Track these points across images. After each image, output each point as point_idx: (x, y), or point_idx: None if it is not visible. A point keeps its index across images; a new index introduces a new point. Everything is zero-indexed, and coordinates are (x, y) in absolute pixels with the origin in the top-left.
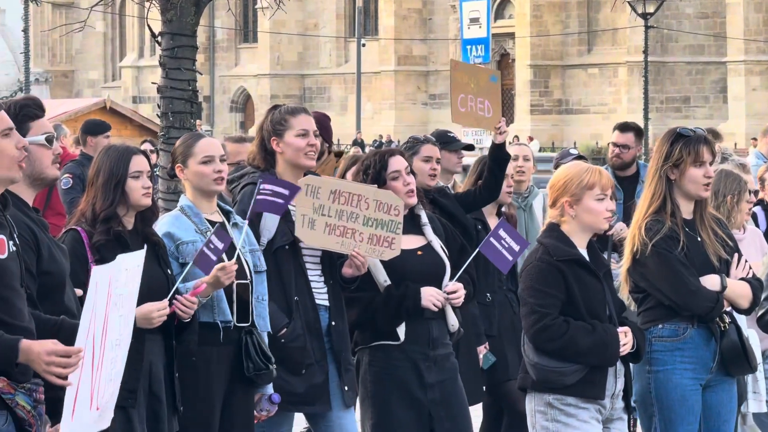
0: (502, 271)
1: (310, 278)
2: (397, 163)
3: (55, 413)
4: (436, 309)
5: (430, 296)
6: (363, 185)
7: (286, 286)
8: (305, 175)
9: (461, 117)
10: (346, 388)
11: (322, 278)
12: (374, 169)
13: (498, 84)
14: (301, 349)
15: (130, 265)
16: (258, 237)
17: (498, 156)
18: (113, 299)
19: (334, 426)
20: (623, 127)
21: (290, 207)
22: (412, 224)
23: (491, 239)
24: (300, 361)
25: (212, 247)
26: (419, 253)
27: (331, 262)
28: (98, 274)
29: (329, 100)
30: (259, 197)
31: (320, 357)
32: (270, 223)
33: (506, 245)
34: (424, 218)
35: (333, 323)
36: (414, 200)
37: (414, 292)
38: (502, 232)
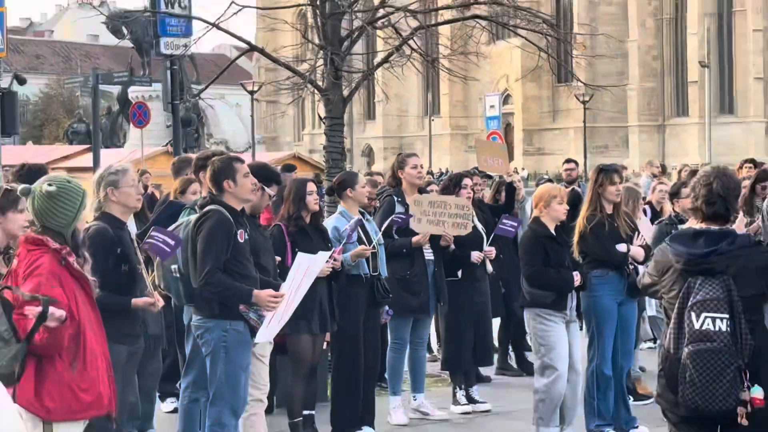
0: (509, 237)
1: (423, 247)
2: (465, 181)
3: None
4: (478, 262)
5: (476, 256)
6: (446, 196)
7: (414, 253)
8: (419, 192)
9: (486, 168)
10: (441, 303)
11: (431, 249)
12: (452, 186)
13: (505, 150)
14: (418, 281)
15: (318, 260)
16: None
17: (509, 189)
18: (306, 274)
19: (425, 325)
20: (569, 161)
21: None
22: None
23: (500, 223)
24: (418, 290)
25: (349, 234)
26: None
27: (435, 239)
28: (301, 258)
29: (414, 149)
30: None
31: (425, 287)
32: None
33: (509, 225)
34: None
35: (435, 269)
36: (469, 203)
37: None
38: (505, 219)
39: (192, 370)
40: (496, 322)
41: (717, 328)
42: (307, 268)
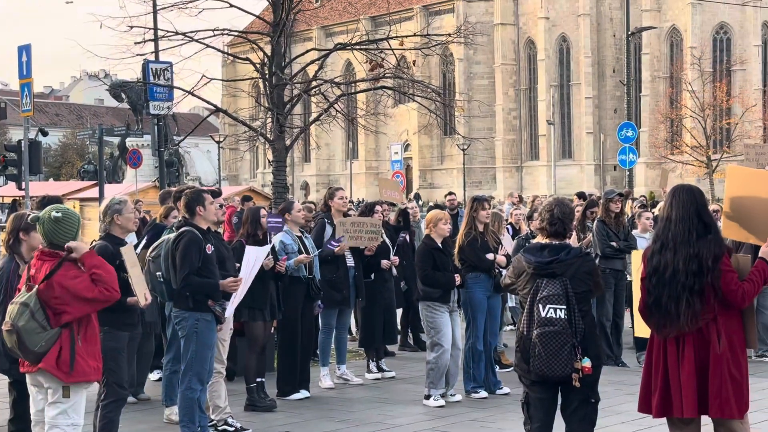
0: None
1: (346, 256)
2: (377, 208)
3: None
4: (386, 268)
5: (384, 263)
6: (363, 218)
7: (338, 259)
8: (344, 216)
9: (386, 197)
10: (360, 299)
11: (351, 257)
12: (368, 211)
13: (399, 185)
14: (342, 282)
15: (262, 251)
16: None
17: (405, 214)
18: (255, 262)
19: (347, 314)
20: (450, 193)
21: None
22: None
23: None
24: (341, 288)
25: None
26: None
27: (355, 251)
28: (250, 250)
29: (340, 184)
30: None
31: (347, 286)
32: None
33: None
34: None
35: (356, 273)
36: (380, 223)
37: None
38: (402, 234)
39: (172, 349)
40: (399, 312)
41: (557, 316)
42: (255, 257)
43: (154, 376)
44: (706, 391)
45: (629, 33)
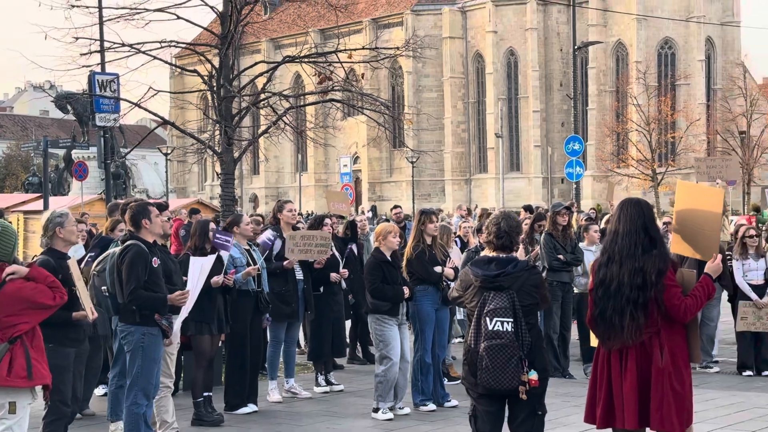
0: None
1: (295, 269)
2: (326, 221)
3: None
4: (335, 281)
5: (333, 276)
6: (312, 231)
7: (287, 273)
8: (293, 229)
9: (334, 210)
10: (309, 312)
11: (301, 270)
12: (317, 224)
13: (347, 197)
14: (291, 295)
15: (207, 261)
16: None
17: (353, 226)
18: (201, 272)
19: (296, 327)
20: (396, 206)
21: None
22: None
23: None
24: (290, 302)
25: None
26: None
27: (304, 263)
28: (194, 261)
29: (289, 197)
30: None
31: (296, 299)
32: (278, 249)
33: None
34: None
35: (305, 286)
36: (329, 236)
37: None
38: (350, 247)
39: (118, 363)
40: (348, 324)
41: (504, 329)
42: (200, 268)
43: (99, 391)
44: (648, 404)
45: (576, 47)
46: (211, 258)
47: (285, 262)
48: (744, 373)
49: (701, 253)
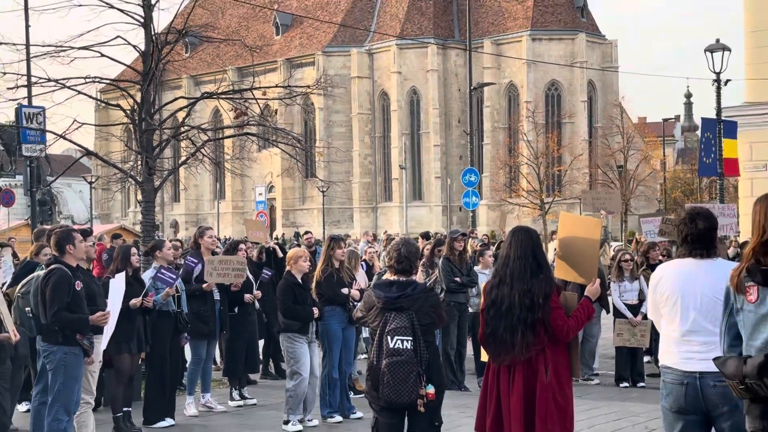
0: (267, 282)
1: (213, 291)
2: (241, 246)
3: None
4: (249, 302)
5: (248, 297)
6: (229, 256)
7: (206, 295)
8: (212, 254)
9: (253, 238)
10: (224, 331)
11: (218, 292)
12: (232, 249)
13: (264, 225)
14: (209, 315)
15: (119, 279)
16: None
17: (267, 252)
18: (116, 292)
19: (213, 345)
20: (307, 232)
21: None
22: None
23: (262, 274)
24: (208, 321)
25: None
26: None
27: (222, 287)
28: (112, 282)
29: (208, 223)
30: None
31: (213, 319)
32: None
33: (266, 275)
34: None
35: (221, 307)
36: (245, 260)
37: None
38: (265, 271)
39: (41, 381)
40: (261, 342)
41: (404, 347)
42: (117, 287)
43: (22, 407)
44: (533, 416)
45: (472, 88)
46: (121, 275)
47: (204, 285)
48: (621, 385)
49: (583, 277)
